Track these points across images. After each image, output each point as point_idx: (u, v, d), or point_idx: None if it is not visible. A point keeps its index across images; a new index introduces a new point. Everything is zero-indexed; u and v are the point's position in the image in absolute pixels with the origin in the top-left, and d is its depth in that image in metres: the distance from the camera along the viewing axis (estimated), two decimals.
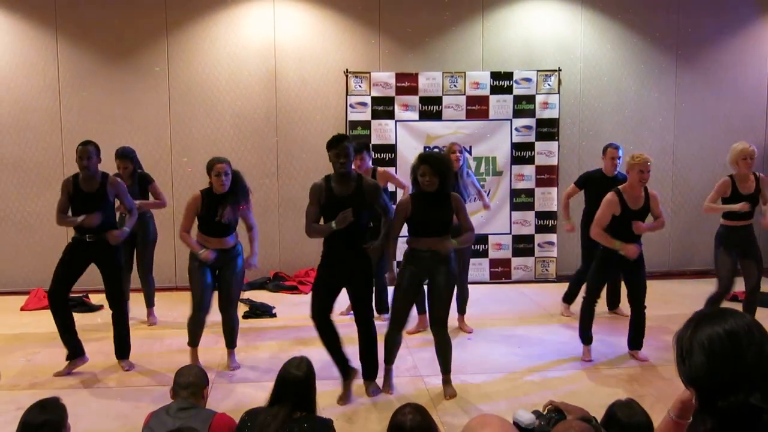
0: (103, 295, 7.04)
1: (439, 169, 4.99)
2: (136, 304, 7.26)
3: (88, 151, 5.73)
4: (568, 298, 7.43)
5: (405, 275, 5.20)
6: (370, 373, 5.37)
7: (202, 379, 3.57)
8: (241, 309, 7.65)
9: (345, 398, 5.18)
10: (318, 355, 6.05)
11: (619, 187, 5.84)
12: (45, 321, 7.16)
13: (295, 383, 3.30)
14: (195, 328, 5.77)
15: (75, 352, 5.81)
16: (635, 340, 6.07)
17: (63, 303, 5.79)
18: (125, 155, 6.96)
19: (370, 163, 7.04)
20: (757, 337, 1.81)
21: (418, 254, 5.14)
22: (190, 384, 3.47)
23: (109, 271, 5.86)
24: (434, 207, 5.06)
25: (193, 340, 5.81)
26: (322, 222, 5.18)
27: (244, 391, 5.38)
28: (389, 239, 5.29)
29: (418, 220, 5.10)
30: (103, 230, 5.77)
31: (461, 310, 6.91)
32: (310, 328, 6.81)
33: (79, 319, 7.35)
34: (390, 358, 5.42)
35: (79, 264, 5.84)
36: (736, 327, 1.81)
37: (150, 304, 7.28)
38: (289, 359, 3.49)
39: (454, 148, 6.64)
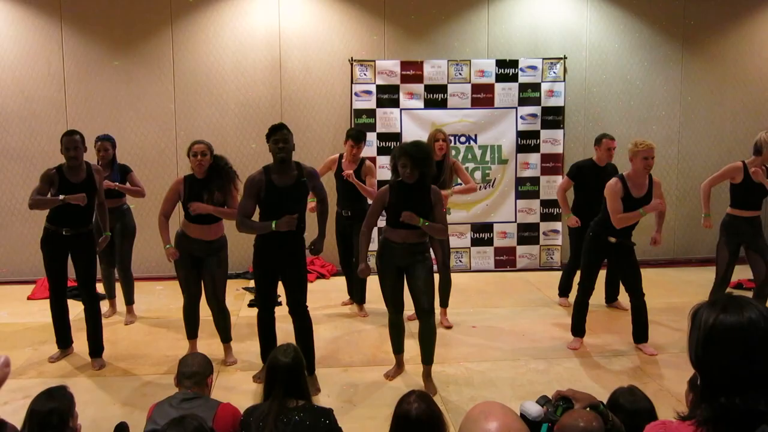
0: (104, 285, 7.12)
1: (420, 162, 4.92)
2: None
3: (75, 141, 5.49)
4: (564, 292, 7.44)
5: (383, 264, 5.16)
6: (308, 368, 5.15)
7: (206, 367, 3.55)
8: (246, 298, 7.70)
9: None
10: (323, 343, 6.10)
11: (623, 173, 5.76)
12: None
13: (284, 370, 3.28)
14: (188, 318, 5.74)
15: (66, 344, 5.90)
16: (639, 332, 5.93)
17: (62, 299, 5.80)
18: (107, 138, 6.76)
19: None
20: None
21: (392, 246, 5.08)
22: (194, 373, 3.45)
23: (85, 266, 5.75)
24: (412, 198, 4.98)
25: (189, 332, 5.78)
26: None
27: (249, 379, 5.40)
28: (323, 233, 5.31)
29: (395, 209, 5.00)
30: (80, 224, 5.67)
31: (444, 303, 6.75)
32: (316, 317, 6.86)
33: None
34: (398, 347, 5.40)
35: (61, 255, 5.73)
36: (755, 322, 1.76)
37: (129, 301, 7.00)
38: (276, 347, 3.49)
39: (438, 136, 6.52)
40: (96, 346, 5.81)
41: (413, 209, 4.95)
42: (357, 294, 7.19)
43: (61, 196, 5.45)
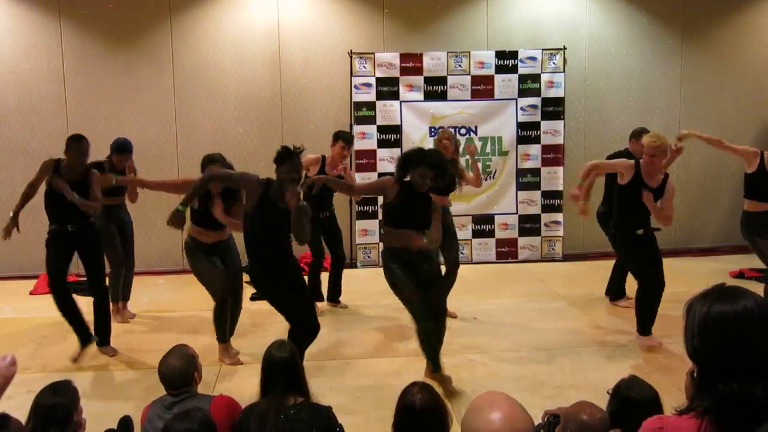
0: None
1: (440, 176, 4.93)
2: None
3: (84, 148, 5.59)
4: (613, 293, 7.11)
5: (395, 272, 4.98)
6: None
7: (189, 362, 3.40)
8: (249, 291, 7.69)
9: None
10: (326, 335, 6.10)
11: (640, 160, 5.72)
12: (54, 305, 7.22)
13: (281, 365, 3.23)
14: (224, 319, 5.62)
15: (87, 338, 5.75)
16: (645, 323, 5.82)
17: (66, 294, 5.74)
18: (125, 149, 6.58)
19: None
20: None
21: (398, 253, 4.98)
22: (178, 377, 3.34)
23: (92, 259, 5.82)
24: (420, 206, 4.95)
25: (223, 335, 5.65)
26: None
27: (251, 372, 5.40)
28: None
29: (397, 211, 4.95)
30: (82, 219, 5.70)
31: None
32: (318, 310, 6.87)
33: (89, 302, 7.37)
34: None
35: (67, 253, 5.79)
36: (750, 310, 1.78)
37: (126, 297, 6.96)
38: (270, 344, 3.41)
39: (447, 135, 6.40)
40: (105, 336, 5.87)
41: (418, 218, 4.93)
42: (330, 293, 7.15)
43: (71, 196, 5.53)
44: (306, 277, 6.02)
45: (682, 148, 6.15)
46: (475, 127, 8.93)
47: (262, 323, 6.60)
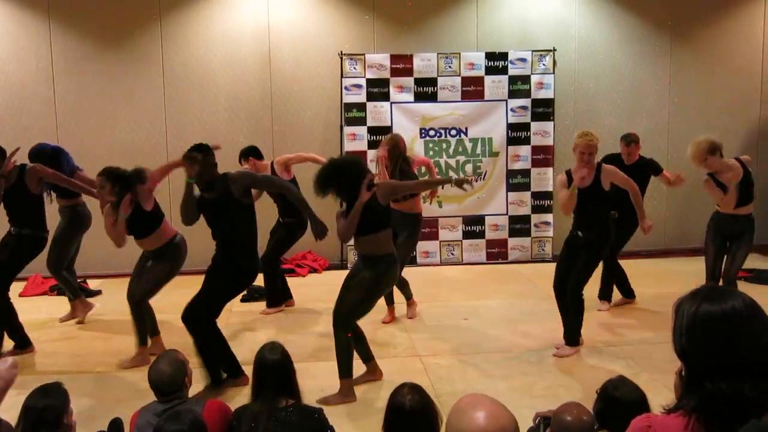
0: (102, 281, 7.10)
1: (327, 188, 4.83)
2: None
3: None
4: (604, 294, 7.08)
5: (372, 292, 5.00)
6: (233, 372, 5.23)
7: (179, 368, 3.33)
8: None
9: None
10: (317, 337, 6.11)
11: (571, 168, 5.63)
12: (44, 307, 7.21)
13: (273, 367, 3.24)
14: (136, 323, 5.71)
15: (23, 344, 5.93)
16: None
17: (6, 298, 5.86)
18: (35, 155, 6.31)
19: (263, 161, 7.07)
20: (757, 325, 1.79)
21: (368, 261, 4.94)
22: (169, 380, 3.28)
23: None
24: (363, 212, 4.81)
25: (139, 339, 5.73)
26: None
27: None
28: (306, 208, 5.08)
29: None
30: (25, 225, 5.76)
31: (395, 298, 6.68)
32: (308, 311, 6.89)
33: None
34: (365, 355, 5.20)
35: (20, 257, 5.91)
36: (738, 310, 1.80)
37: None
38: (262, 345, 3.40)
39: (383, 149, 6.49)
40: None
41: (366, 219, 4.82)
42: None
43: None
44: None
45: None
46: (466, 129, 8.95)
47: (252, 324, 6.60)
